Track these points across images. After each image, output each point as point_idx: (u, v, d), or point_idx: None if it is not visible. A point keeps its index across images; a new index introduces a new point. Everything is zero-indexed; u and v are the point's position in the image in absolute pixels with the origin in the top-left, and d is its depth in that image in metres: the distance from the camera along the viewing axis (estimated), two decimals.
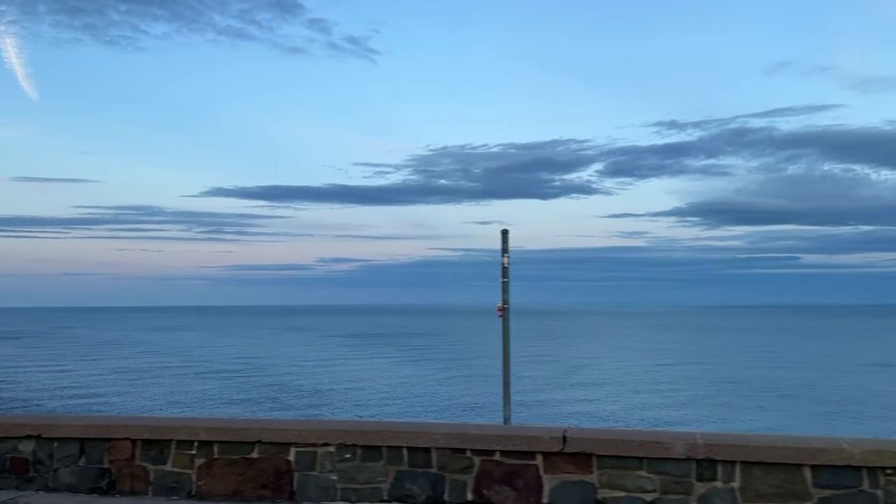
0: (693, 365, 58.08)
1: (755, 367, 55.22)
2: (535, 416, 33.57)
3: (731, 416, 33.99)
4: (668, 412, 34.78)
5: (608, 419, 32.62)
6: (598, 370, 54.03)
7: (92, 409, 35.42)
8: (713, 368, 54.51)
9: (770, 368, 54.66)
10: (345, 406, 37.19)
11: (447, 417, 33.48)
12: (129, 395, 41.45)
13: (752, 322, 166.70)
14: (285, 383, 46.73)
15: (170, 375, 51.51)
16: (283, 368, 56.47)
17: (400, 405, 37.41)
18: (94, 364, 60.20)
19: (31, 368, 56.03)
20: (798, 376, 49.12)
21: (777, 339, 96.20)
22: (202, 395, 41.29)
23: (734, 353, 70.54)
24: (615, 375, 50.28)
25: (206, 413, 34.50)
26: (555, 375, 50.48)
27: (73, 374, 52.05)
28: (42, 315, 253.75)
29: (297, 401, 39.89)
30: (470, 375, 51.12)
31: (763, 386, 44.55)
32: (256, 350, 77.16)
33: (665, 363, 59.93)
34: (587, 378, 49.13)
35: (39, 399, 39.18)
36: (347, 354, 71.16)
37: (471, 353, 72.60)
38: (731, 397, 39.98)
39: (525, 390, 40.94)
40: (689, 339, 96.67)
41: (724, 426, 30.54)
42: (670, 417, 33.16)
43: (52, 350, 77.90)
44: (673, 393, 41.68)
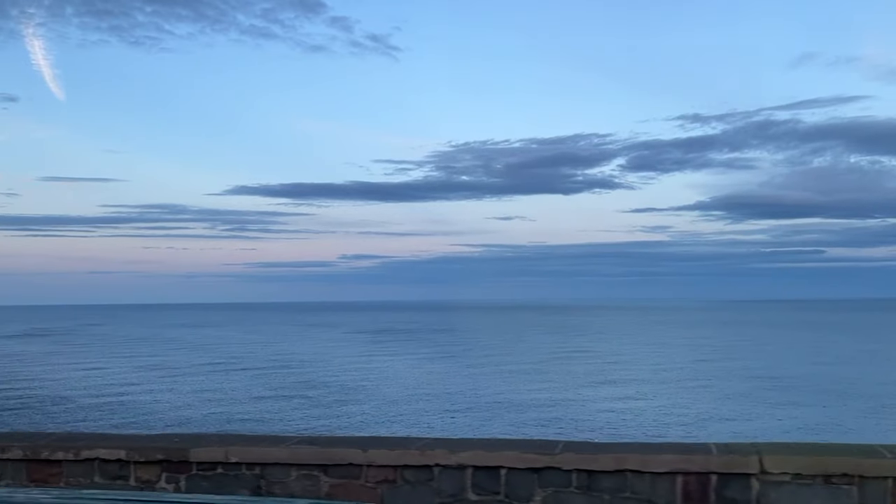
0: (732, 361, 56.72)
1: (800, 364, 53.68)
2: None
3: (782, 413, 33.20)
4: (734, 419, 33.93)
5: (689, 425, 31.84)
6: (639, 368, 52.94)
7: (137, 406, 35.43)
8: (754, 365, 52.94)
9: (812, 365, 53.13)
10: (374, 402, 36.84)
11: (486, 413, 33.01)
12: (163, 392, 41.44)
13: (781, 317, 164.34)
14: (314, 380, 46.56)
15: (204, 372, 51.57)
16: (311, 365, 56.34)
17: (428, 402, 37.00)
18: (127, 361, 60.45)
19: (63, 366, 56.37)
20: (841, 373, 47.74)
21: (813, 335, 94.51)
22: (237, 392, 41.20)
23: (771, 349, 69.26)
24: (661, 374, 49.40)
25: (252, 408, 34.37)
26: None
27: (105, 372, 52.25)
28: (70, 313, 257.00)
29: (325, 396, 39.69)
30: (497, 372, 50.65)
31: (808, 382, 43.34)
32: (284, 347, 77.21)
33: (704, 359, 58.80)
34: (630, 377, 48.42)
35: (75, 397, 39.29)
36: (373, 350, 70.95)
37: (495, 349, 72.12)
38: (781, 394, 38.90)
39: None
40: (722, 335, 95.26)
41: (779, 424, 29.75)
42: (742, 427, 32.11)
43: (82, 347, 78.52)
44: (720, 392, 40.61)
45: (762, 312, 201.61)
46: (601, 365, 54.28)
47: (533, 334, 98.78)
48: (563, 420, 31.42)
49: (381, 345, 79.39)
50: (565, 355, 62.99)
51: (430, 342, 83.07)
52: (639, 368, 51.88)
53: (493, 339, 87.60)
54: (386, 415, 33.24)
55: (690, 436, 25.43)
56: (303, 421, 31.66)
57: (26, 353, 69.20)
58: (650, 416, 32.16)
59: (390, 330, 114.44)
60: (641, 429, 28.84)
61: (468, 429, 29.41)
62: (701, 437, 24.62)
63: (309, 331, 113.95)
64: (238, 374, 49.84)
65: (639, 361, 57.30)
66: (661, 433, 27.02)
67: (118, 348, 76.06)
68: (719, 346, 73.48)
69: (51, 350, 73.62)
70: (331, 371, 51.54)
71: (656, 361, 57.12)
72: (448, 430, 29.23)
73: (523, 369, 51.72)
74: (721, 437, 20.72)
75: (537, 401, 36.63)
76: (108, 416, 32.59)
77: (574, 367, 53.23)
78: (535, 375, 47.86)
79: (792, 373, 47.65)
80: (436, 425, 30.30)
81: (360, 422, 31.18)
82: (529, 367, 53.36)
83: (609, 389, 40.84)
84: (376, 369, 52.66)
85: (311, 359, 61.54)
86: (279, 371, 51.61)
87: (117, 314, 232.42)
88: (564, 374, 48.08)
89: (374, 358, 62.11)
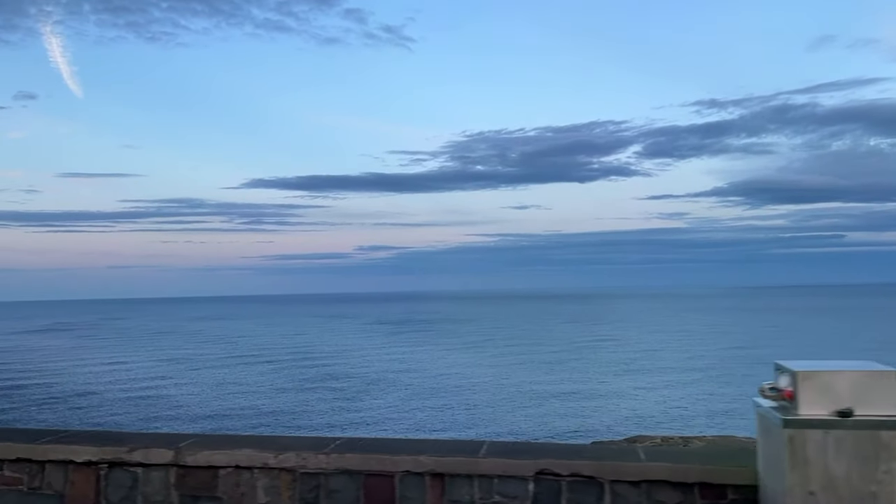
0: (761, 350, 56.01)
1: (830, 350, 52.72)
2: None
3: None
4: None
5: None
6: (666, 356, 52.39)
7: (165, 400, 35.52)
8: (784, 353, 52.21)
9: (843, 350, 52.25)
10: (395, 392, 36.68)
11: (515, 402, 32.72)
12: (189, 385, 41.52)
13: (802, 303, 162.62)
14: (337, 372, 46.48)
15: (228, 365, 51.68)
16: (334, 357, 56.33)
17: (451, 395, 36.76)
18: (151, 354, 60.76)
19: (89, 360, 56.72)
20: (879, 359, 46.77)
21: (837, 320, 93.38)
22: (262, 384, 41.20)
23: (797, 336, 68.47)
24: (690, 362, 48.91)
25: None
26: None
27: (131, 366, 52.48)
28: (90, 307, 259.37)
29: (348, 385, 39.63)
30: (523, 362, 50.34)
31: None
32: (305, 339, 77.32)
33: (732, 346, 58.12)
34: (659, 365, 47.99)
35: (103, 391, 39.45)
36: (394, 342, 70.87)
37: (519, 339, 71.82)
38: None
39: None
40: (745, 322, 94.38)
41: None
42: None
43: (106, 341, 79.05)
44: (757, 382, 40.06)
45: (783, 298, 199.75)
46: (630, 354, 53.75)
47: (554, 323, 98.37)
48: (597, 411, 31.10)
49: (401, 336, 79.32)
50: (591, 344, 62.60)
51: (451, 333, 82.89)
52: (667, 357, 51.36)
53: (514, 329, 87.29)
54: (409, 407, 33.06)
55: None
56: (329, 414, 31.56)
57: (52, 348, 69.76)
58: (689, 406, 31.76)
59: (409, 321, 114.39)
60: (683, 420, 28.45)
61: (491, 423, 29.18)
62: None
63: (328, 322, 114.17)
64: (261, 367, 49.90)
65: (665, 350, 56.78)
66: (706, 425, 26.61)
67: (141, 342, 76.50)
68: (744, 334, 72.72)
69: (75, 344, 74.18)
70: (353, 363, 51.48)
71: (684, 349, 56.59)
72: (470, 424, 29.04)
73: (551, 359, 51.39)
74: None
75: (571, 392, 36.28)
76: (137, 410, 32.66)
77: (602, 355, 52.80)
78: (564, 365, 47.50)
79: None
80: (460, 420, 30.09)
81: (383, 416, 31.01)
82: (557, 356, 53.00)
83: (643, 379, 40.39)
84: (398, 360, 52.54)
85: (332, 351, 61.56)
86: (302, 363, 51.62)
87: (137, 308, 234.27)
88: (593, 364, 47.68)
89: (395, 349, 62.01)
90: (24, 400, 36.04)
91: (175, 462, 4.14)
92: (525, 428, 27.70)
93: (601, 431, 26.36)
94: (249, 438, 4.49)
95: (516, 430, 27.23)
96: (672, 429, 24.71)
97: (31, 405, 34.40)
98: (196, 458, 4.12)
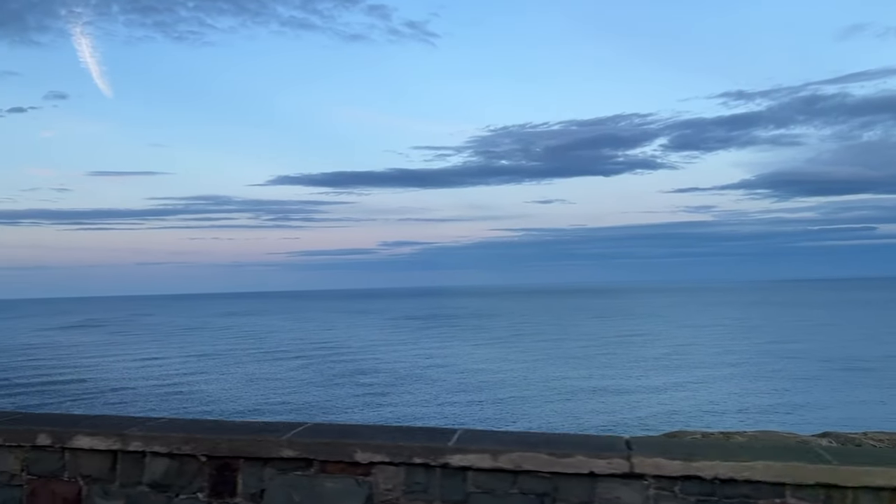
0: (797, 344, 55.06)
1: (871, 345, 51.61)
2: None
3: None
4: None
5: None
6: (701, 352, 51.73)
7: (200, 395, 35.82)
8: (823, 347, 50.91)
9: (884, 345, 51.05)
10: (424, 387, 36.64)
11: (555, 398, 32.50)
12: (221, 380, 41.84)
13: (834, 296, 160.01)
14: (368, 367, 46.57)
15: (256, 360, 52.05)
16: (362, 352, 56.48)
17: (481, 391, 36.62)
18: (182, 350, 61.39)
19: (122, 355, 57.44)
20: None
21: (871, 313, 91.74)
22: (292, 378, 41.40)
23: (832, 330, 67.37)
24: (725, 357, 48.30)
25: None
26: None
27: (163, 361, 53.05)
28: (120, 304, 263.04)
29: (377, 381, 39.69)
30: (549, 357, 50.08)
31: (888, 364, 41.67)
32: (333, 334, 77.64)
33: (767, 341, 57.26)
34: (694, 361, 47.47)
35: (139, 386, 39.90)
36: (421, 337, 70.89)
37: (547, 334, 71.52)
38: (868, 378, 37.57)
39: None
40: (777, 316, 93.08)
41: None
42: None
43: (137, 337, 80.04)
44: (798, 376, 39.37)
45: (812, 292, 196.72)
46: (661, 349, 53.16)
47: (581, 318, 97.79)
48: (629, 406, 30.80)
49: (428, 331, 79.33)
50: (621, 339, 62.08)
51: (477, 328, 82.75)
52: (698, 352, 50.74)
53: (541, 324, 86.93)
54: (438, 402, 33.00)
55: (804, 422, 24.36)
56: (360, 410, 31.59)
57: (86, 344, 70.76)
58: (723, 401, 31.32)
59: (435, 316, 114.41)
60: (719, 416, 28.04)
61: (521, 418, 28.99)
62: (814, 425, 23.68)
63: (354, 318, 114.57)
64: (291, 362, 50.16)
65: (697, 345, 56.12)
66: (741, 420, 26.21)
67: (172, 338, 77.35)
68: (776, 328, 71.67)
69: (108, 340, 75.18)
70: (382, 358, 51.55)
71: (715, 344, 55.90)
72: (499, 420, 28.88)
73: (580, 354, 51.06)
74: (827, 426, 19.89)
75: (602, 388, 35.98)
76: (170, 406, 32.94)
77: (632, 351, 52.31)
78: (593, 360, 47.16)
79: (864, 354, 46.07)
80: (489, 414, 29.96)
81: (413, 412, 30.97)
82: (585, 351, 52.65)
83: (675, 374, 39.91)
84: (426, 356, 52.52)
85: (361, 346, 61.72)
86: (331, 358, 51.82)
87: (166, 304, 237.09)
88: (624, 359, 47.25)
89: (423, 344, 62.02)
90: (58, 395, 36.56)
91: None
92: (557, 423, 27.49)
93: (634, 427, 26.09)
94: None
95: (548, 426, 27.03)
96: (706, 423, 24.36)
97: (65, 400, 34.87)
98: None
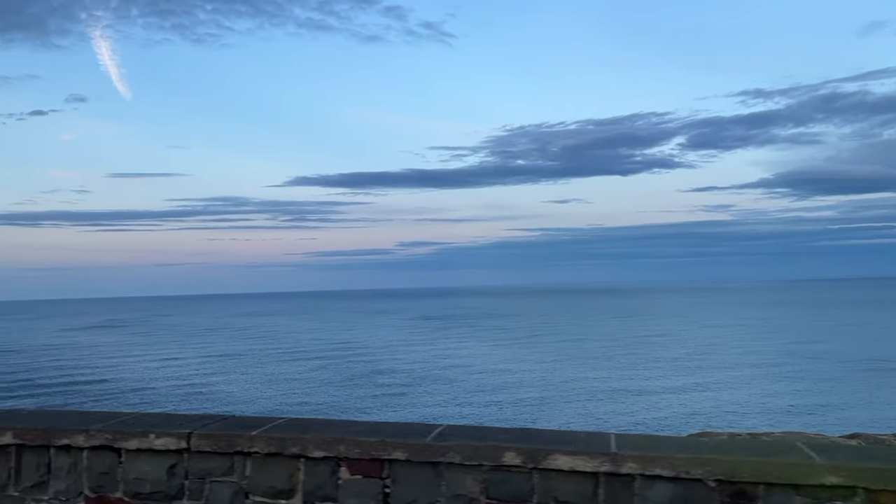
0: (821, 344, 54.36)
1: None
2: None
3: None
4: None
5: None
6: (723, 352, 51.18)
7: (224, 395, 35.98)
8: (849, 349, 50.44)
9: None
10: (443, 387, 36.54)
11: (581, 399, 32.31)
12: (241, 381, 41.99)
13: (856, 296, 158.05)
14: (390, 368, 46.55)
15: (276, 360, 52.20)
16: (381, 352, 56.49)
17: (500, 391, 36.46)
18: (202, 350, 61.73)
19: (143, 355, 57.85)
20: None
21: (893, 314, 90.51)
22: (311, 379, 41.48)
23: (856, 330, 66.48)
24: (748, 358, 47.81)
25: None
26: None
27: (183, 361, 53.36)
28: (140, 304, 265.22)
29: (395, 381, 39.69)
30: (568, 358, 49.82)
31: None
32: (351, 334, 77.75)
33: (792, 341, 56.54)
34: (716, 363, 47.03)
35: (160, 387, 40.13)
36: (440, 337, 70.79)
37: (568, 334, 71.18)
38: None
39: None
40: (799, 316, 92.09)
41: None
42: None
43: (157, 337, 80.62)
44: (826, 377, 38.90)
45: (833, 292, 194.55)
46: (684, 350, 52.59)
47: (600, 318, 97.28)
48: (653, 407, 30.54)
49: (446, 331, 79.23)
50: (642, 340, 61.63)
51: (495, 328, 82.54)
52: (722, 352, 50.21)
53: (560, 324, 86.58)
54: (456, 402, 32.89)
55: (831, 423, 24.03)
56: (378, 410, 31.56)
57: (107, 344, 71.37)
58: (749, 402, 30.97)
59: (452, 316, 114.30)
60: (746, 416, 27.73)
61: (541, 419, 28.82)
62: (841, 426, 23.32)
63: (372, 318, 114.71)
64: (310, 363, 50.23)
65: (720, 345, 55.55)
66: (768, 421, 25.88)
67: (192, 338, 77.82)
68: (799, 328, 70.83)
69: (129, 341, 75.77)
70: (400, 358, 51.53)
71: (738, 345, 55.31)
72: (518, 420, 28.72)
73: (599, 355, 50.75)
74: (855, 427, 19.61)
75: (625, 389, 35.72)
76: (191, 405, 33.10)
77: (655, 351, 51.85)
78: (613, 361, 46.83)
79: (888, 355, 45.36)
80: (508, 415, 29.82)
81: (431, 413, 30.89)
82: (605, 352, 52.31)
83: (699, 374, 39.48)
84: (445, 356, 52.43)
85: (379, 346, 61.74)
86: (350, 359, 51.87)
87: (185, 305, 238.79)
88: (647, 360, 46.83)
89: (441, 345, 61.93)
90: (80, 395, 36.85)
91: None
92: (577, 424, 27.30)
93: (657, 427, 25.87)
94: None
95: (567, 427, 26.86)
96: (732, 424, 24.09)
97: (87, 400, 35.14)
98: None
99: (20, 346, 71.02)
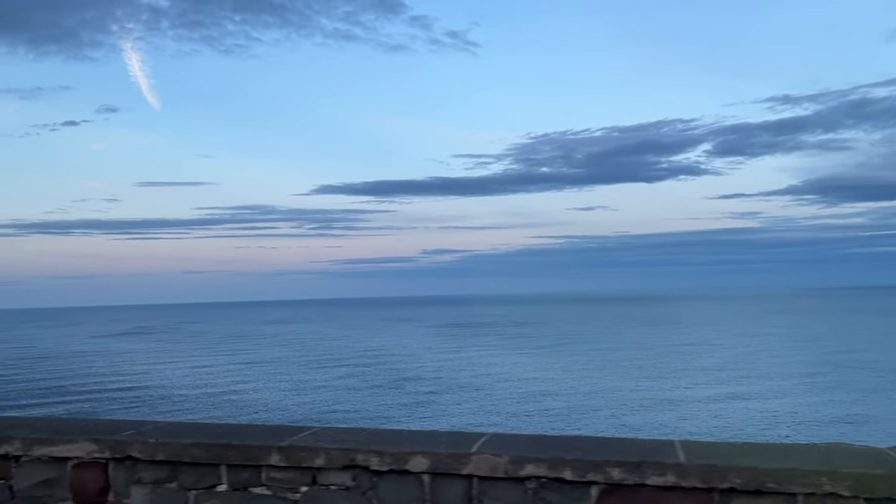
0: (859, 353, 53.09)
1: None
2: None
3: None
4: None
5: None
6: (757, 361, 50.08)
7: (256, 402, 35.96)
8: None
9: None
10: (469, 395, 36.16)
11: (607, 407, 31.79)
12: (269, 388, 41.98)
13: (891, 304, 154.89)
14: (418, 375, 46.26)
15: (304, 367, 52.18)
16: (407, 360, 56.26)
17: (528, 400, 36.00)
18: (230, 357, 61.95)
19: (171, 363, 58.19)
20: None
21: None
22: (339, 386, 41.33)
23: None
24: (783, 367, 46.87)
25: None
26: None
27: (212, 369, 53.51)
28: (167, 312, 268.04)
29: (421, 388, 39.43)
30: (599, 367, 49.16)
31: None
32: (378, 342, 77.64)
33: (827, 350, 55.26)
34: (751, 373, 46.15)
35: (190, 394, 40.24)
36: (466, 345, 70.38)
37: (596, 342, 70.42)
38: None
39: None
40: (832, 324, 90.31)
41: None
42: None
43: (185, 345, 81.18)
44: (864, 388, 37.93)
45: (865, 299, 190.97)
46: (719, 359, 51.39)
47: (629, 326, 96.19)
48: (690, 417, 29.90)
49: (472, 339, 78.79)
50: (675, 348, 60.66)
51: (522, 336, 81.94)
52: (760, 361, 49.01)
53: (587, 333, 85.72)
54: (484, 410, 32.50)
55: (876, 433, 23.33)
56: (404, 420, 31.29)
57: (136, 351, 71.98)
58: (793, 412, 30.20)
59: (478, 324, 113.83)
60: (788, 427, 27.01)
61: (569, 428, 28.34)
62: (888, 437, 22.60)
63: (398, 325, 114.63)
64: (338, 370, 50.11)
65: (757, 353, 54.35)
66: (813, 432, 25.18)
67: (220, 345, 78.21)
68: (837, 337, 69.25)
69: (157, 348, 76.36)
70: (427, 366, 51.23)
71: (776, 354, 54.10)
72: (547, 429, 28.27)
73: (630, 364, 49.98)
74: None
75: (664, 399, 35.04)
76: (219, 412, 33.08)
77: (691, 361, 50.83)
78: (646, 371, 46.07)
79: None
80: (536, 424, 29.37)
81: (458, 422, 30.53)
82: (636, 361, 51.49)
83: (738, 384, 38.56)
84: (472, 364, 52.02)
85: (406, 353, 61.52)
86: (377, 366, 51.66)
87: (212, 312, 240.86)
88: (683, 370, 45.94)
89: (468, 353, 61.50)
90: (113, 402, 37.03)
91: None
92: (608, 433, 26.77)
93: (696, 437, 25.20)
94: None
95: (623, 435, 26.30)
96: (777, 435, 23.47)
97: (118, 408, 35.27)
98: None
99: (53, 352, 71.89)
